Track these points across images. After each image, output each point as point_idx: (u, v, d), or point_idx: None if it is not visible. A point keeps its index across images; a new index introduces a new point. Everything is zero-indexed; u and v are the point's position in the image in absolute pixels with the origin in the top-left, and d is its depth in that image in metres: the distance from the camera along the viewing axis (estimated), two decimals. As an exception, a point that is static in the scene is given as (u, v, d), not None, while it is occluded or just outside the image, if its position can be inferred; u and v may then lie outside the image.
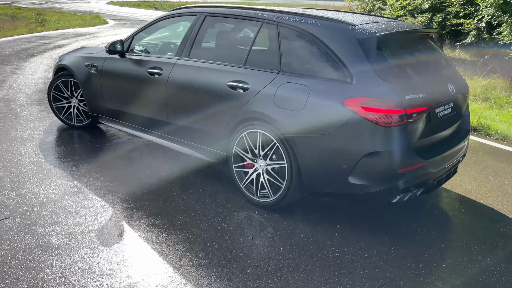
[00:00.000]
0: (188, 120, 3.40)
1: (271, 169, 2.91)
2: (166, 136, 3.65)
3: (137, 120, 3.87)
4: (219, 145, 3.23)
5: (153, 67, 3.59)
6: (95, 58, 4.20)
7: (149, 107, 3.69)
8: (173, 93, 3.45)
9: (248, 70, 3.03)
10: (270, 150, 2.88)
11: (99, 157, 3.87)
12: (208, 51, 3.48)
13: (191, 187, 3.34)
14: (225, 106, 3.10)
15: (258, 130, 2.89)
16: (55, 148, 4.06)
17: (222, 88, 3.10)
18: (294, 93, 2.74)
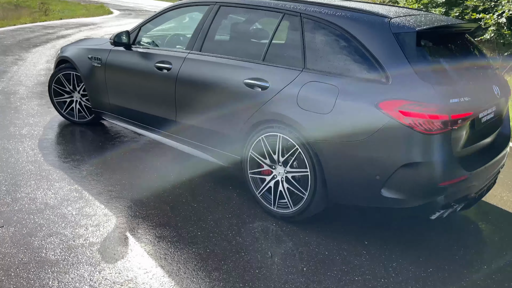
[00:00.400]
0: (199, 119, 3.12)
1: (291, 177, 2.62)
2: (175, 136, 3.37)
3: (143, 118, 3.59)
4: (233, 148, 2.95)
5: (162, 61, 3.30)
6: (99, 50, 3.91)
7: (157, 104, 3.41)
8: (183, 90, 3.16)
9: (267, 66, 2.73)
10: (291, 156, 2.59)
11: (102, 157, 3.60)
12: (222, 45, 3.17)
13: (201, 194, 3.06)
14: (240, 106, 2.81)
15: (277, 134, 2.61)
16: (56, 146, 3.79)
17: (237, 86, 2.80)
18: (320, 93, 2.45)
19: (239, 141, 2.87)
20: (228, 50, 3.04)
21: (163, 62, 3.29)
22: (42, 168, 3.32)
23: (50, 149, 3.72)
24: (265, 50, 2.79)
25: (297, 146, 2.52)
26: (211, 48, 3.11)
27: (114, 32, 3.78)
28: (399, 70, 2.26)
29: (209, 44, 3.12)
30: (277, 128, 2.61)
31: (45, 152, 3.64)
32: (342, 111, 2.35)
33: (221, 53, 3.04)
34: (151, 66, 3.36)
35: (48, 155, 3.57)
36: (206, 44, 3.12)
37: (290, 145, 2.57)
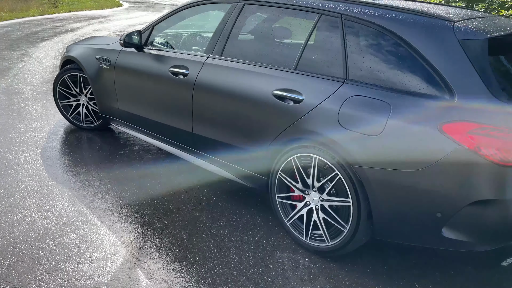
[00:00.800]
0: (219, 133, 2.75)
1: (328, 206, 2.25)
2: (191, 150, 3.01)
3: (156, 127, 3.24)
4: (258, 167, 2.59)
5: (177, 65, 2.94)
6: (108, 51, 3.55)
7: (171, 113, 3.05)
8: (201, 99, 2.79)
9: (301, 76, 2.35)
10: (329, 182, 2.22)
11: (111, 171, 3.25)
12: (246, 49, 2.80)
13: (221, 218, 2.70)
14: (268, 121, 2.44)
15: (313, 155, 2.23)
16: (60, 156, 3.46)
17: (265, 97, 2.43)
18: (368, 111, 2.06)
19: (265, 160, 2.50)
20: (254, 55, 2.66)
21: (179, 66, 2.92)
22: (44, 183, 2.98)
23: (53, 159, 3.39)
24: (298, 56, 2.40)
25: (337, 171, 2.15)
26: (233, 52, 2.73)
27: (124, 29, 3.39)
28: (467, 84, 1.87)
29: (232, 48, 2.74)
30: (312, 149, 2.23)
31: (48, 163, 3.30)
32: (395, 134, 1.96)
33: (245, 58, 2.66)
34: (165, 71, 3.00)
35: (51, 167, 3.24)
36: (228, 48, 2.75)
37: (328, 169, 2.20)
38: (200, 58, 2.85)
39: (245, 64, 2.61)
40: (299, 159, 2.31)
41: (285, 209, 2.48)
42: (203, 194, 2.98)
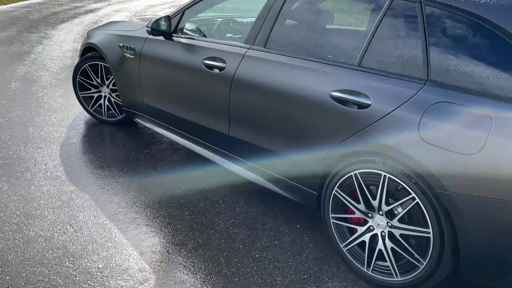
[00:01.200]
0: (259, 137, 2.37)
1: (399, 235, 1.86)
2: (225, 153, 2.64)
3: (185, 126, 2.87)
4: (307, 180, 2.20)
5: (212, 57, 2.54)
6: (132, 38, 3.18)
7: (204, 112, 2.68)
8: (240, 98, 2.40)
9: (367, 74, 1.93)
10: (401, 206, 1.82)
11: (137, 174, 2.91)
12: (296, 40, 2.37)
13: (262, 235, 2.34)
14: (324, 127, 2.04)
15: (382, 173, 1.83)
16: (80, 155, 3.14)
17: (321, 99, 2.02)
18: (460, 122, 1.64)
19: (318, 172, 2.11)
20: (306, 48, 2.24)
21: (214, 59, 2.53)
22: (63, 188, 2.67)
23: (73, 159, 3.07)
24: (362, 50, 1.98)
25: (414, 194, 1.75)
26: (280, 43, 2.32)
27: (145, 9, 3.01)
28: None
29: (278, 38, 2.33)
30: (381, 165, 1.83)
31: (68, 164, 2.99)
32: (497, 154, 1.54)
33: (294, 51, 2.25)
34: (198, 63, 2.61)
35: (71, 169, 2.92)
36: (274, 38, 2.33)
37: (402, 191, 1.80)
38: (239, 50, 2.45)
39: (295, 58, 2.20)
40: (363, 176, 1.91)
41: (341, 232, 2.10)
42: (240, 205, 2.62)
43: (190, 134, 2.87)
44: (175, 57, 2.79)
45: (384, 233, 1.92)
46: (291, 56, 2.22)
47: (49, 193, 2.62)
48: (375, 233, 1.96)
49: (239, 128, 2.48)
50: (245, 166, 2.55)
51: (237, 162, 2.59)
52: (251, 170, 2.52)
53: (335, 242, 2.13)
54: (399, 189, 1.81)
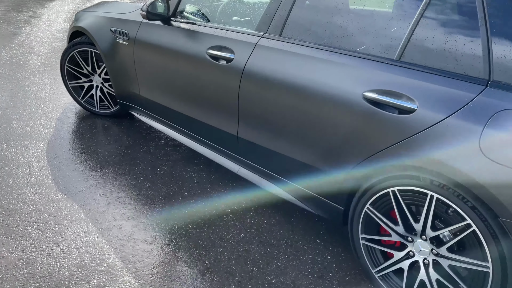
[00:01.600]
0: (274, 141, 2.04)
1: (448, 266, 1.56)
2: (235, 157, 2.32)
3: (187, 124, 2.54)
4: (332, 192, 1.89)
5: (218, 46, 2.18)
6: (126, 22, 2.80)
7: (208, 108, 2.33)
8: (252, 94, 2.06)
9: (410, 72, 1.58)
10: (452, 233, 1.51)
11: (132, 177, 2.59)
12: (319, 27, 2.00)
13: (278, 254, 2.04)
14: (356, 134, 1.70)
15: (429, 192, 1.51)
16: (70, 155, 2.81)
17: (351, 100, 1.68)
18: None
19: (346, 185, 1.79)
20: (330, 37, 1.88)
21: (220, 48, 2.17)
22: (49, 197, 2.35)
23: (61, 159, 2.74)
24: (403, 41, 1.62)
25: (469, 220, 1.43)
26: (299, 31, 1.96)
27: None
28: None
29: (296, 25, 1.97)
30: (428, 183, 1.51)
31: (55, 165, 2.66)
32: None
33: (316, 41, 1.89)
34: (202, 53, 2.25)
35: (59, 172, 2.60)
36: (291, 25, 1.97)
37: (453, 215, 1.48)
38: (250, 38, 2.09)
39: (317, 50, 1.85)
40: (403, 194, 1.59)
41: (373, 255, 1.79)
42: (250, 215, 2.31)
43: (193, 132, 2.53)
44: (174, 45, 2.43)
45: (428, 261, 1.61)
46: (313, 46, 1.87)
47: (33, 203, 2.30)
48: (416, 260, 1.66)
49: (249, 129, 2.14)
50: (255, 171, 2.23)
51: (246, 166, 2.27)
52: (262, 176, 2.20)
53: (365, 265, 1.83)
54: (450, 213, 1.49)
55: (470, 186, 1.40)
